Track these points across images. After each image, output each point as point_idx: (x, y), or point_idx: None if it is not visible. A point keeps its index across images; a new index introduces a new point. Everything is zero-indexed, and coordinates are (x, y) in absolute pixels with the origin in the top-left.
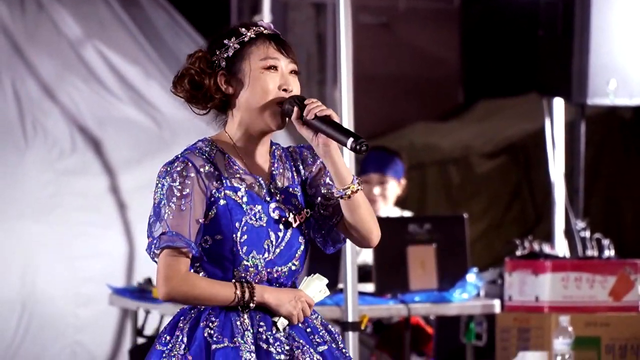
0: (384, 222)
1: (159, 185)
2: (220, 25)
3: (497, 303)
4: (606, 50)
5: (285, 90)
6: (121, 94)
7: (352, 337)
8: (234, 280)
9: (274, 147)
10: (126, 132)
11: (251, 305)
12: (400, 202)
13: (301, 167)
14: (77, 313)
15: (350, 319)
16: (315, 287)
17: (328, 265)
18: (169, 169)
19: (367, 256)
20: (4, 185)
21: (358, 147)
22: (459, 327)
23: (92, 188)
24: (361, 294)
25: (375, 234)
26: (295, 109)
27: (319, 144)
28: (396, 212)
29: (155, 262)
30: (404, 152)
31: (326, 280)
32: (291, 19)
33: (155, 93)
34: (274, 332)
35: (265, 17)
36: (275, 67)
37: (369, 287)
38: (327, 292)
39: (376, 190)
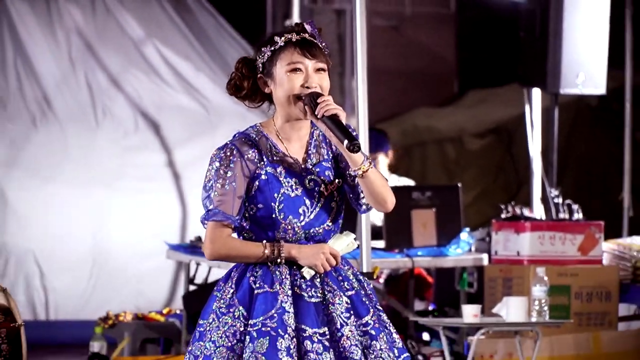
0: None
1: (210, 167)
2: (256, 26)
3: (485, 257)
4: (575, 48)
5: (308, 87)
6: (175, 84)
7: None
8: (264, 241)
9: (313, 128)
10: (179, 116)
11: (278, 260)
12: (395, 169)
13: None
14: (139, 266)
15: (364, 270)
16: (342, 242)
17: (346, 226)
18: (218, 153)
19: (376, 218)
20: (79, 158)
21: (351, 147)
22: (454, 276)
23: (152, 162)
24: (373, 249)
25: (389, 202)
26: (307, 107)
27: (331, 136)
28: (393, 178)
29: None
30: (398, 131)
31: (353, 235)
32: (316, 22)
33: (203, 83)
34: (306, 280)
35: (295, 20)
36: (299, 69)
37: (380, 244)
38: (355, 245)
39: None
